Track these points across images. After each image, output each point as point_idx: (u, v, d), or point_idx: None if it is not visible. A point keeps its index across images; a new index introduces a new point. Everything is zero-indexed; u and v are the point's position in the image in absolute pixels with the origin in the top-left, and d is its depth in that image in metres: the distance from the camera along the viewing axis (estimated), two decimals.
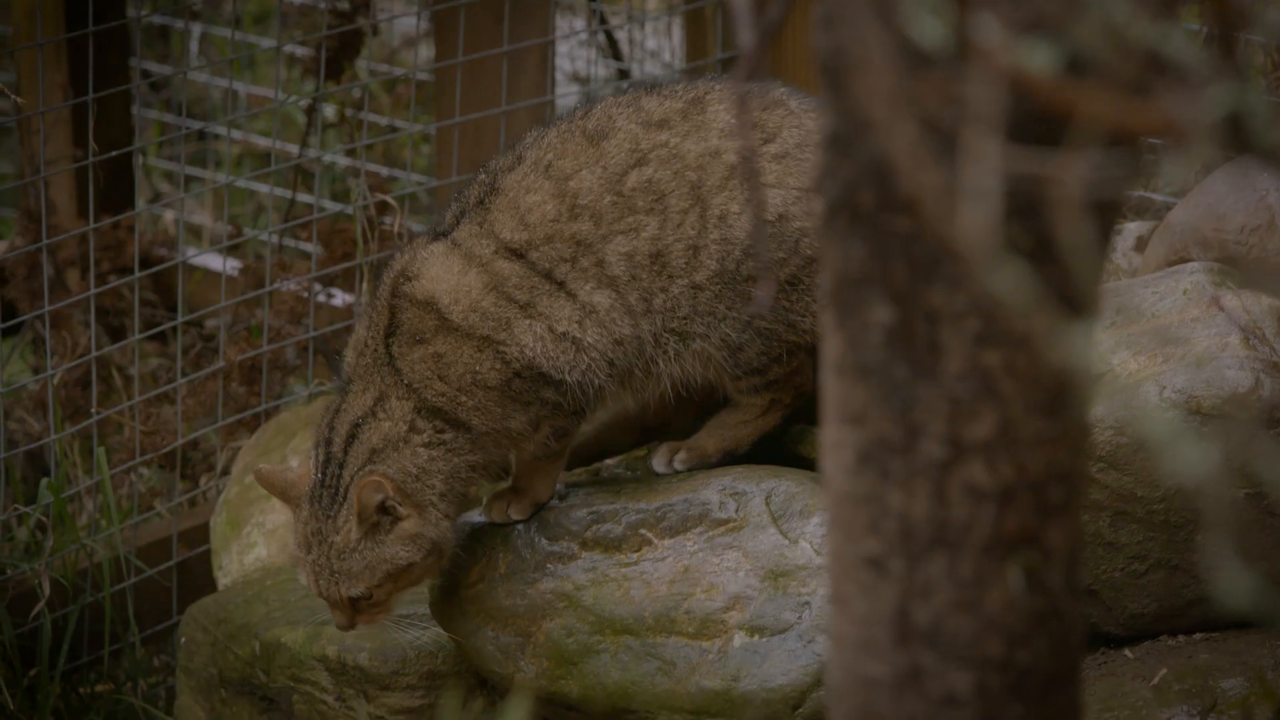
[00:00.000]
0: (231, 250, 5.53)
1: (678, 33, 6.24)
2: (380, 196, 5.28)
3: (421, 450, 3.89)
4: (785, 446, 4.20)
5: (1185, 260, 4.12)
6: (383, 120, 6.22)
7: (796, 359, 4.04)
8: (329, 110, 5.70)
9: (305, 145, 5.51)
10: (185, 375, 5.15)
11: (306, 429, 4.68)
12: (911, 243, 2.11)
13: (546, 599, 4.01)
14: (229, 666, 4.42)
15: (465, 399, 3.89)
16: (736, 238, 3.93)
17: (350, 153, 5.75)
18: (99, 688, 4.82)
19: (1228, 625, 3.83)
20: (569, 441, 4.04)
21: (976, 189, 1.80)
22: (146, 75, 6.41)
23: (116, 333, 5.60)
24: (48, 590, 4.61)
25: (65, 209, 5.54)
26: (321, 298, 5.39)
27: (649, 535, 4.01)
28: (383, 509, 3.84)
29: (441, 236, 3.98)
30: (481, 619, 4.03)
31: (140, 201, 5.69)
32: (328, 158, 5.94)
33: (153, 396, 5.14)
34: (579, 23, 6.66)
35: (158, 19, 6.56)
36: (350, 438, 3.89)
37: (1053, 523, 2.15)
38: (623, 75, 6.03)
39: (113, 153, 5.08)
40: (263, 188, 6.04)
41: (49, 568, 4.63)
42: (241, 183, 6.01)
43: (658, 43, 6.42)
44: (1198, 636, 3.84)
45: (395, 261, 4.00)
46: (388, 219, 5.29)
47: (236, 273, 5.38)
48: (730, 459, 4.10)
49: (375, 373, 3.92)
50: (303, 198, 5.65)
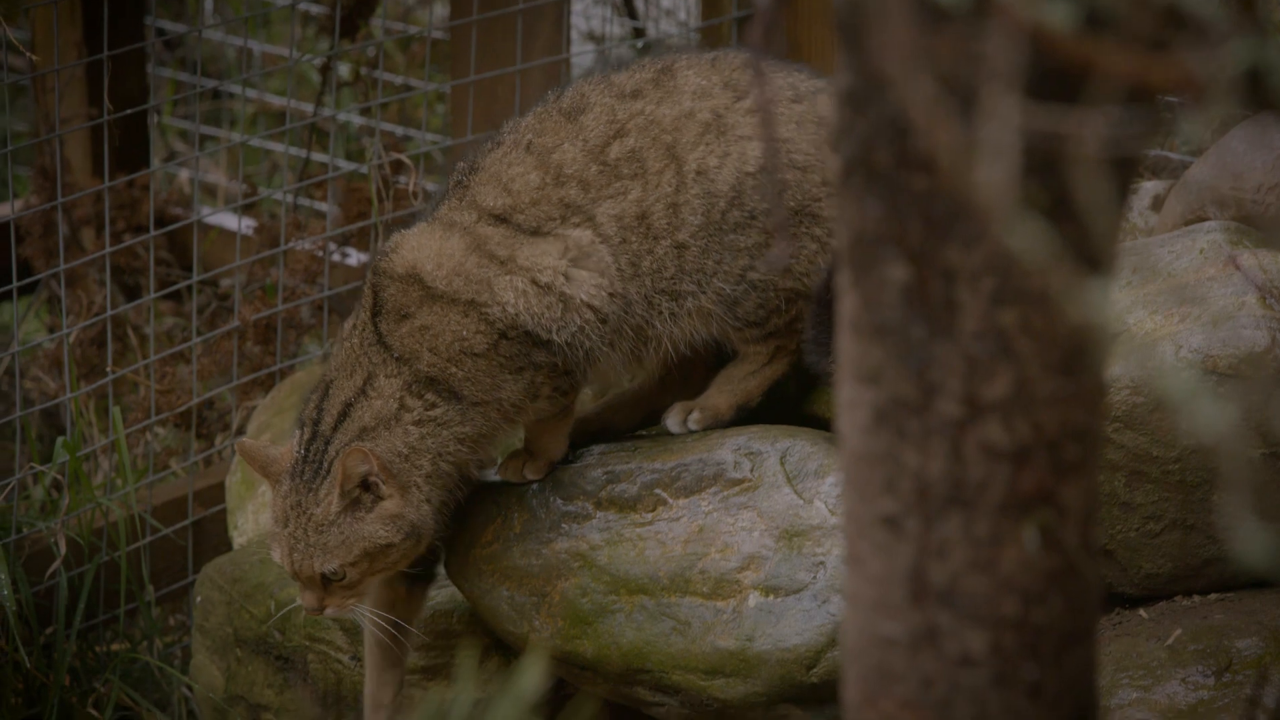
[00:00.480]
0: (246, 209, 5.52)
1: None
2: (395, 155, 5.27)
3: (412, 428, 3.86)
4: (800, 406, 4.20)
5: (1202, 219, 4.11)
6: (397, 79, 6.21)
7: (795, 306, 4.03)
8: (344, 69, 5.69)
9: (320, 104, 5.50)
10: (200, 334, 5.15)
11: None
12: (928, 201, 2.10)
13: (561, 559, 4.01)
14: (244, 625, 4.43)
15: (455, 369, 3.87)
16: (719, 190, 3.94)
17: (365, 112, 5.74)
18: (115, 646, 4.83)
19: (1243, 585, 3.83)
20: (574, 397, 4.02)
21: (994, 146, 1.79)
22: (161, 33, 6.40)
23: (132, 292, 5.60)
24: (64, 549, 4.61)
25: (80, 167, 5.53)
26: (336, 257, 5.38)
27: (664, 495, 4.00)
28: (365, 485, 3.80)
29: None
30: (496, 579, 4.03)
31: (155, 160, 5.69)
32: (342, 117, 5.93)
33: (168, 356, 5.14)
34: None
35: None
36: (341, 416, 3.87)
37: (1069, 482, 2.15)
38: (638, 34, 6.01)
39: (127, 111, 5.07)
40: (277, 147, 6.03)
41: (65, 526, 4.64)
42: (256, 142, 6.00)
43: (673, 1, 6.40)
44: (1213, 597, 3.83)
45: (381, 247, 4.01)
46: (402, 178, 5.28)
47: (251, 232, 5.38)
48: (743, 414, 4.10)
49: (364, 353, 3.90)
50: (317, 157, 5.64)
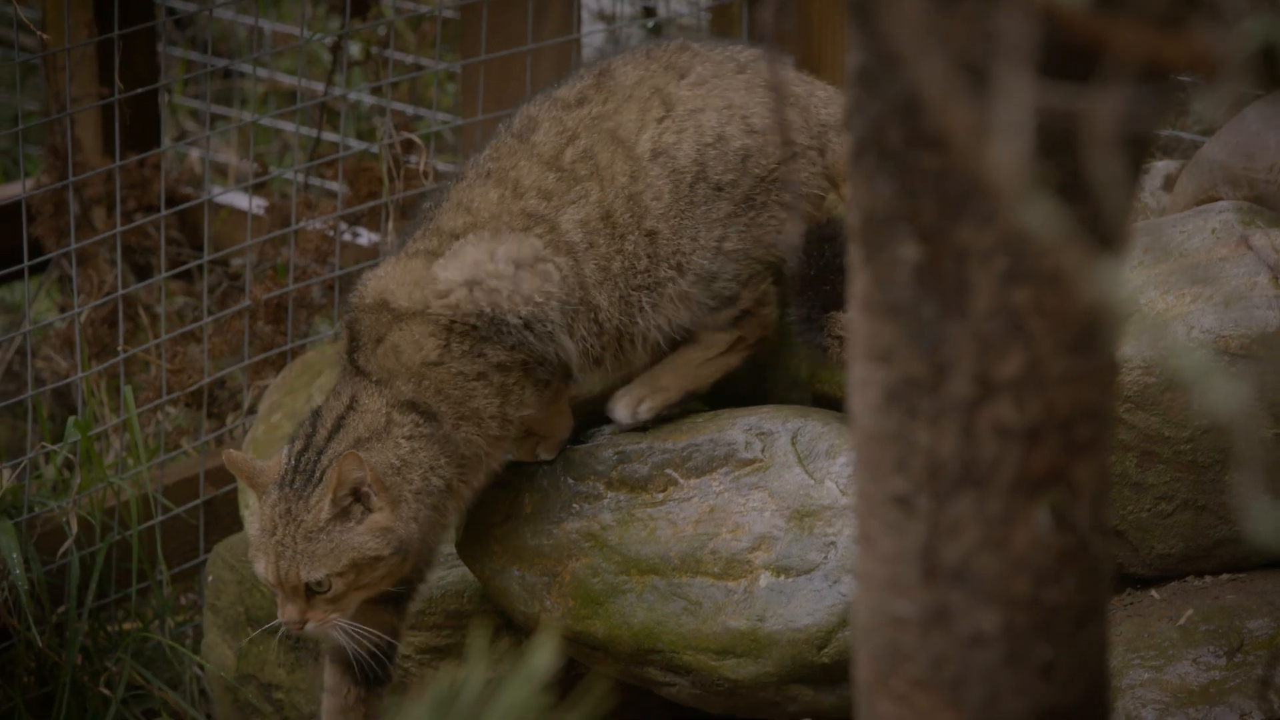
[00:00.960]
0: (257, 189, 5.52)
1: None
2: (406, 135, 5.27)
3: (404, 442, 3.85)
4: (811, 386, 4.20)
5: (1214, 199, 4.10)
6: (408, 58, 6.20)
7: (764, 283, 4.02)
8: (354, 48, 5.68)
9: (331, 83, 5.49)
10: (211, 314, 5.15)
11: (332, 368, 4.68)
12: (940, 180, 2.10)
13: (573, 539, 4.01)
14: (256, 605, 4.43)
15: (425, 385, 3.86)
16: (683, 165, 3.94)
17: (375, 91, 5.74)
18: (126, 625, 4.84)
19: (1255, 566, 3.83)
20: (558, 384, 3.98)
21: (1007, 124, 1.79)
22: (172, 13, 6.39)
23: (143, 271, 5.60)
24: (75, 528, 4.62)
25: (91, 147, 5.53)
26: (347, 236, 5.38)
27: (675, 475, 4.00)
28: (356, 496, 3.77)
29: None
30: (507, 559, 4.03)
31: (166, 139, 5.69)
32: (353, 96, 5.93)
33: (179, 335, 5.14)
34: None
35: None
36: (335, 429, 3.86)
37: (1081, 461, 2.14)
38: (649, 12, 6.00)
39: (138, 90, 5.07)
40: (288, 126, 6.03)
41: (76, 505, 4.64)
42: (267, 121, 5.99)
43: None
44: (1224, 577, 3.83)
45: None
46: (413, 157, 5.28)
47: (262, 211, 5.38)
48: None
49: (346, 383, 3.91)
50: (328, 136, 5.64)
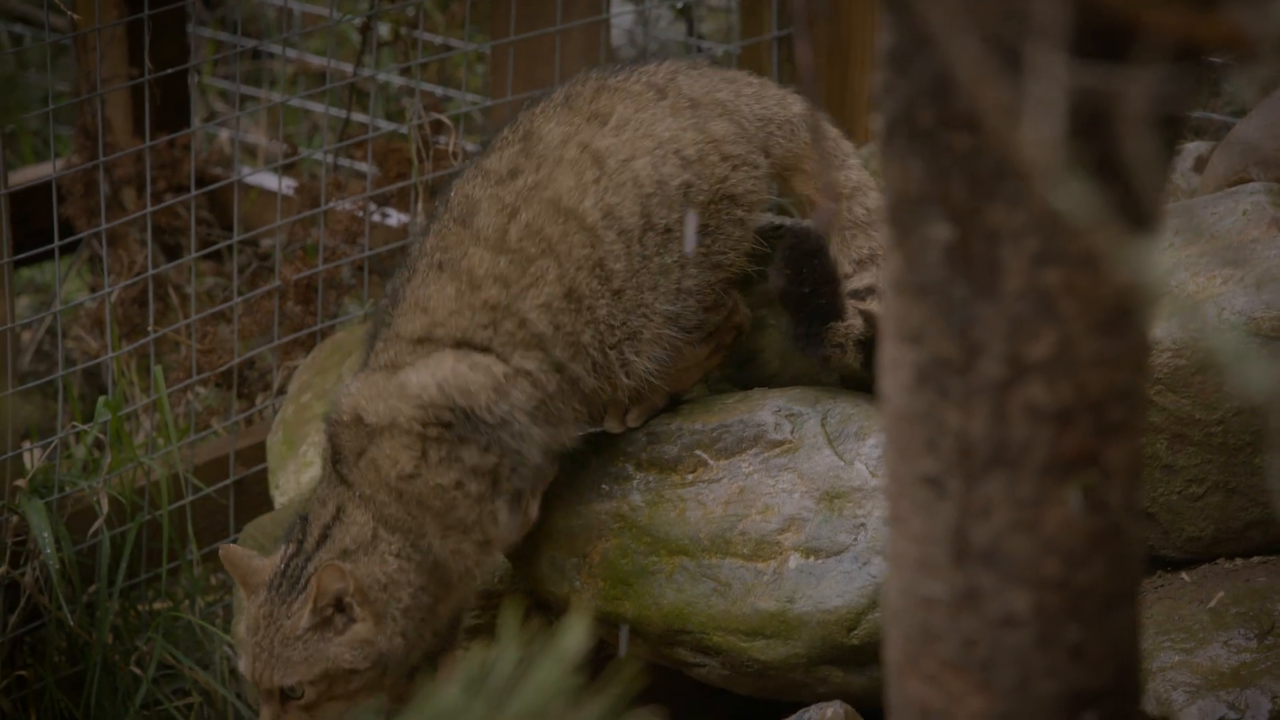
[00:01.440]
0: (287, 169, 5.53)
1: None
2: (435, 116, 5.27)
3: (390, 559, 3.81)
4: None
5: (1245, 180, 4.09)
6: (437, 39, 6.20)
7: (730, 298, 4.00)
8: (384, 29, 5.68)
9: (360, 64, 5.50)
10: (241, 294, 5.16)
11: (361, 348, 4.69)
12: (971, 160, 2.09)
13: (602, 519, 4.01)
14: None
15: (406, 500, 3.82)
16: (630, 225, 3.88)
17: (405, 72, 5.74)
18: (157, 605, 4.85)
19: None
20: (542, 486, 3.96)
21: (1040, 104, 1.78)
22: None
23: (173, 251, 5.61)
24: (106, 507, 4.63)
25: (121, 127, 5.54)
26: (376, 217, 5.38)
27: (704, 456, 4.00)
28: (340, 606, 3.75)
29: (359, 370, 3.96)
30: (537, 539, 4.03)
31: (195, 120, 5.69)
32: (382, 77, 5.93)
33: (209, 315, 5.15)
34: None
35: None
36: (322, 538, 3.83)
37: (1112, 442, 2.14)
38: None
39: (168, 71, 5.08)
40: (317, 107, 6.03)
41: (107, 485, 4.65)
42: (296, 102, 6.00)
43: None
44: (1255, 559, 3.82)
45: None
46: (442, 138, 5.28)
47: (292, 192, 5.38)
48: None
49: (331, 492, 3.88)
50: (357, 117, 5.64)
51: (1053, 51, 1.83)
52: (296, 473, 4.65)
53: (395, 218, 5.43)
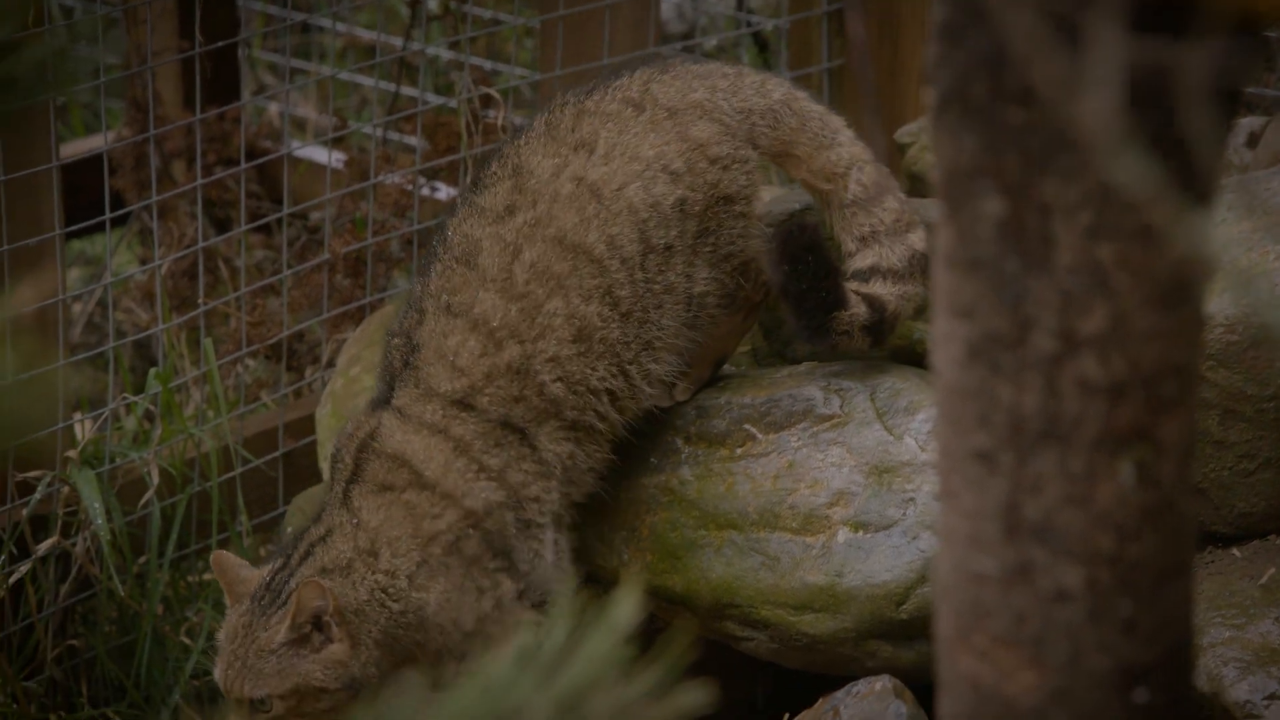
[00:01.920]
0: (336, 143, 5.54)
1: None
2: (484, 90, 5.27)
3: (362, 588, 3.78)
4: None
5: None
6: (486, 13, 6.20)
7: (748, 276, 3.98)
8: (433, 3, 5.68)
9: (409, 38, 5.50)
10: (290, 267, 5.17)
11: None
12: (1025, 134, 2.09)
13: (651, 493, 4.01)
14: None
15: (429, 558, 3.80)
16: (630, 252, 3.87)
17: (454, 46, 5.74)
18: (206, 576, 4.87)
19: None
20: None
21: (1097, 78, 1.77)
22: None
23: (222, 224, 5.63)
24: (156, 479, 4.65)
25: (171, 100, 5.56)
26: (425, 191, 5.39)
27: (753, 430, 4.00)
28: (318, 625, 3.73)
29: (383, 405, 3.91)
30: (586, 512, 4.03)
31: (245, 93, 5.71)
32: (431, 51, 5.93)
33: (258, 288, 5.17)
34: None
35: None
36: (306, 555, 3.82)
37: (1165, 417, 2.13)
38: None
39: (218, 44, 5.09)
40: (367, 81, 6.04)
41: (157, 456, 4.68)
42: (345, 76, 6.01)
43: None
44: None
45: (357, 427, 3.92)
46: (491, 112, 5.28)
47: (341, 165, 5.39)
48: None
49: (330, 512, 3.86)
50: (407, 91, 5.64)
51: (1110, 24, 1.83)
52: None
53: (444, 191, 5.44)
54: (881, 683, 3.73)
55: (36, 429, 4.40)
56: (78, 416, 4.62)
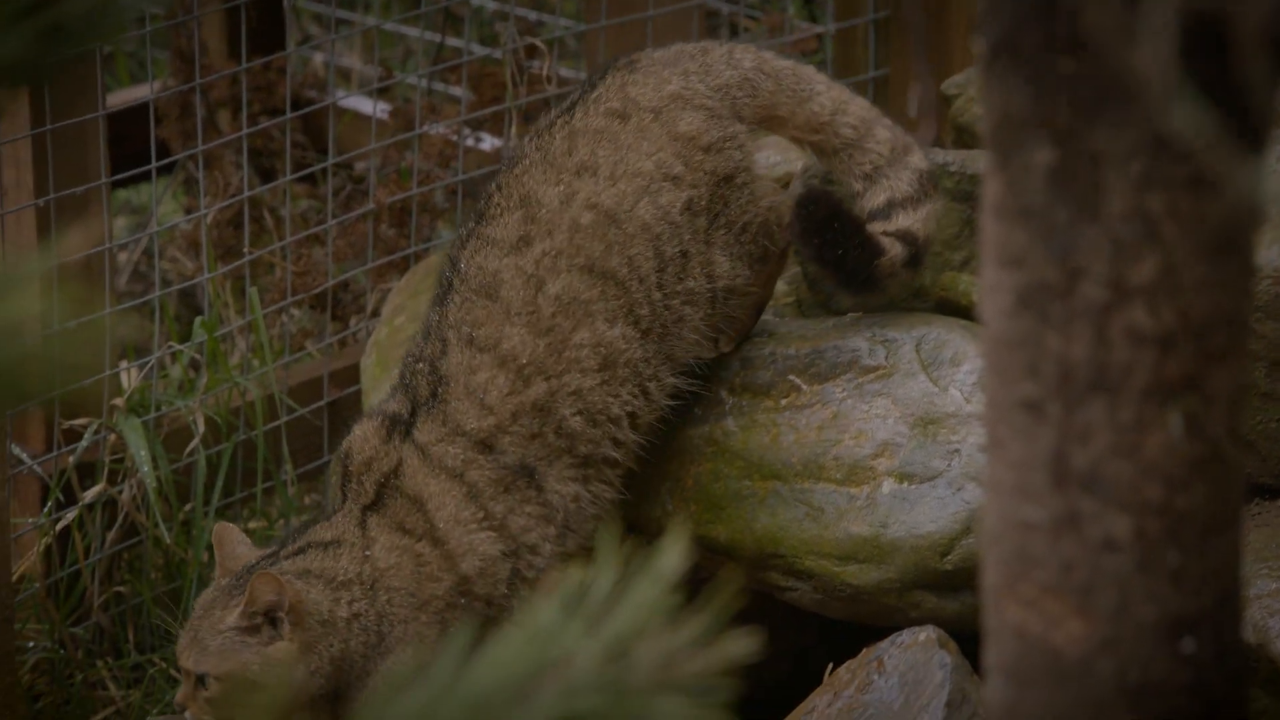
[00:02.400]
0: (381, 93, 5.54)
1: None
2: (529, 40, 5.26)
3: (343, 608, 3.75)
4: (932, 292, 4.18)
5: None
6: None
7: (771, 231, 3.98)
8: None
9: None
10: (335, 217, 5.18)
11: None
12: (1076, 83, 2.08)
13: (695, 444, 4.02)
14: None
15: (405, 616, 3.78)
16: (646, 271, 3.85)
17: None
18: (251, 524, 4.89)
19: None
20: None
21: (1152, 25, 1.76)
22: None
23: (267, 174, 5.63)
24: (202, 427, 4.67)
25: (216, 50, 5.56)
26: (470, 141, 5.39)
27: (798, 381, 4.00)
28: (272, 620, 3.69)
29: (406, 433, 3.87)
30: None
31: (291, 43, 5.71)
32: (476, 1, 5.92)
33: (303, 238, 5.18)
34: None
35: None
36: (299, 551, 3.79)
37: (1215, 368, 2.13)
38: None
39: None
40: (412, 31, 6.03)
41: (203, 405, 4.69)
42: (390, 26, 6.00)
43: None
44: None
45: (375, 453, 3.87)
46: (536, 63, 5.27)
47: (386, 116, 5.39)
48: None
49: (344, 527, 3.83)
50: (451, 41, 5.64)
51: None
52: None
53: (489, 142, 5.43)
54: (925, 633, 3.73)
55: (83, 376, 4.42)
56: (124, 365, 4.63)
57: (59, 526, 4.53)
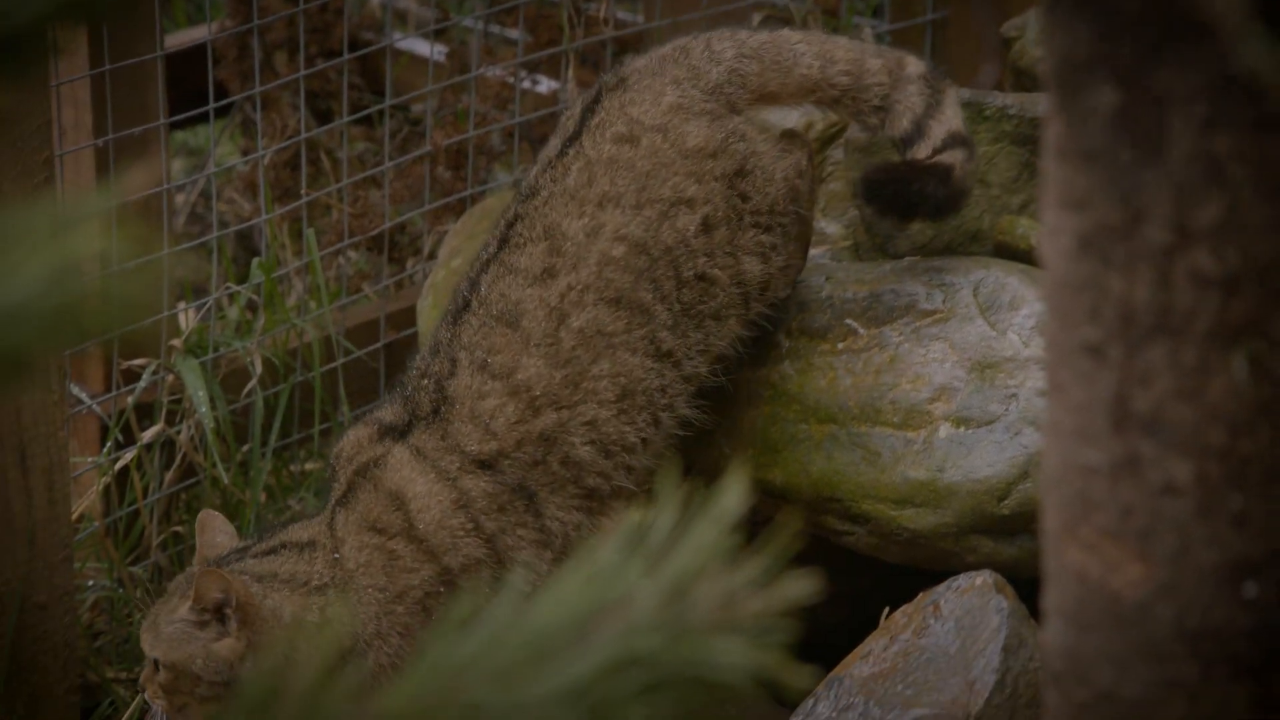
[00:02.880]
0: (438, 35, 5.53)
1: None
2: None
3: (299, 609, 3.70)
4: (990, 237, 4.16)
5: None
6: None
7: (799, 195, 3.97)
8: None
9: None
10: (392, 159, 5.18)
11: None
12: (1140, 23, 2.06)
13: (752, 387, 4.01)
14: None
15: (392, 614, 3.74)
16: (668, 289, 3.83)
17: None
18: (309, 466, 4.91)
19: None
20: None
21: None
22: None
23: (324, 116, 5.64)
24: (259, 368, 4.68)
25: None
26: (526, 84, 5.38)
27: (855, 325, 3.99)
28: (221, 616, 3.66)
29: (393, 433, 3.83)
30: None
31: None
32: None
33: (360, 180, 5.18)
34: None
35: None
36: (271, 550, 3.76)
37: None
38: None
39: None
40: None
41: (260, 346, 4.71)
42: None
43: None
44: None
45: (358, 450, 3.84)
46: (593, 5, 5.26)
47: (443, 58, 5.39)
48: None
49: (320, 525, 3.79)
50: None
51: None
52: None
53: (545, 84, 5.43)
54: (982, 578, 3.73)
55: (142, 317, 4.43)
56: (182, 305, 4.65)
57: (118, 466, 4.55)
